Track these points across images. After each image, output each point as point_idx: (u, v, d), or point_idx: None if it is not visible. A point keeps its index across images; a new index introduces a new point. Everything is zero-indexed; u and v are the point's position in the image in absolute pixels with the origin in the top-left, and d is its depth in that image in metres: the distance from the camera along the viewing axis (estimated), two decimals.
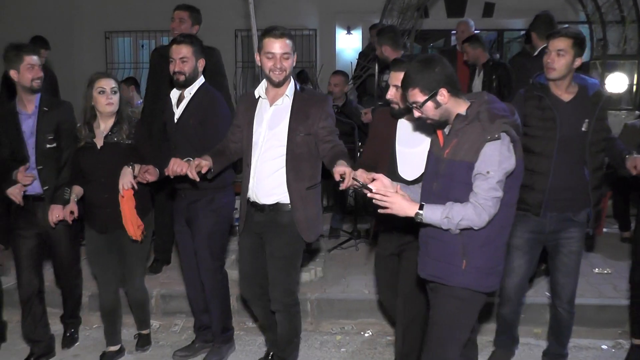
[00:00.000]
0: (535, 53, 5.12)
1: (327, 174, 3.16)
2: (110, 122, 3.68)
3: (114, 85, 3.62)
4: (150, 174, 3.60)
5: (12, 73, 3.70)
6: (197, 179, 3.16)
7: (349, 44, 10.28)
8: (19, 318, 4.08)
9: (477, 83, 6.08)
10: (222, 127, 3.61)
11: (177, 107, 3.74)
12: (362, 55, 7.56)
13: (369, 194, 2.54)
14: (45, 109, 3.79)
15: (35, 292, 3.93)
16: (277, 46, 3.14)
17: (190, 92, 3.70)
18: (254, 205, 3.38)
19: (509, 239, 3.27)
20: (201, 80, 3.74)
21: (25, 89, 3.74)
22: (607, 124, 3.45)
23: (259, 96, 3.35)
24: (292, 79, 3.30)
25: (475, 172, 2.52)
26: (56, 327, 4.30)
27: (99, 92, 3.59)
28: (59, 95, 6.22)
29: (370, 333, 4.34)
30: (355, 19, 9.96)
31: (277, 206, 3.32)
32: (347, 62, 9.23)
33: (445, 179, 2.62)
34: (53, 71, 6.35)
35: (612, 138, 3.53)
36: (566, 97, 3.32)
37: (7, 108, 3.84)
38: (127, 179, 3.53)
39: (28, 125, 3.77)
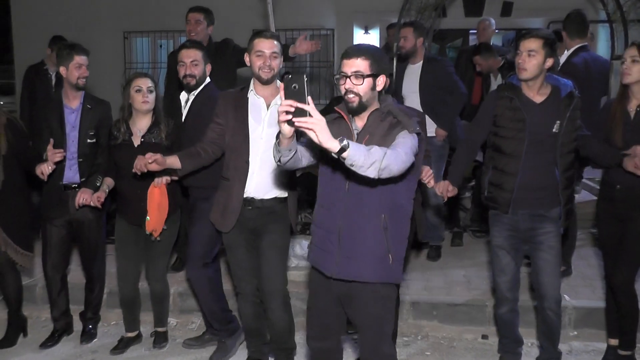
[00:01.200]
0: (568, 52, 5.04)
1: None
2: (147, 121, 3.86)
3: (150, 85, 3.81)
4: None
5: (62, 70, 3.97)
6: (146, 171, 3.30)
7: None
8: (39, 314, 4.15)
9: (494, 85, 6.03)
10: None
11: (185, 109, 3.88)
12: None
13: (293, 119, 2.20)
14: (88, 106, 4.06)
15: (60, 276, 4.21)
16: (267, 45, 3.32)
17: (194, 94, 3.83)
18: (250, 201, 3.42)
19: (492, 240, 3.53)
20: (207, 80, 3.87)
21: (71, 85, 3.99)
22: (579, 123, 3.48)
23: (250, 95, 3.43)
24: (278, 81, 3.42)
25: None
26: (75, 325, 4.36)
27: (136, 91, 3.77)
28: None
29: None
30: (372, 19, 9.93)
31: (275, 200, 3.45)
32: None
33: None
34: None
35: (585, 135, 3.56)
36: (538, 98, 3.37)
37: (54, 102, 4.10)
38: (163, 176, 3.73)
39: (70, 120, 4.02)
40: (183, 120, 3.88)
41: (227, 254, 3.62)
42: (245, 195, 3.42)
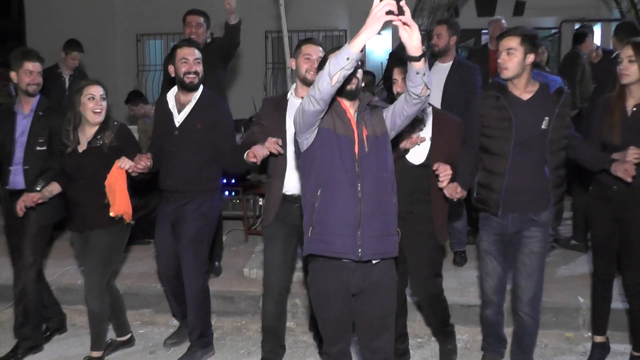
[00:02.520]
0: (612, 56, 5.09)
1: None
2: (96, 127, 3.75)
3: (102, 92, 3.71)
4: (144, 161, 3.65)
5: (12, 74, 3.94)
6: (282, 152, 3.38)
7: (379, 45, 10.26)
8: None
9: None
10: (232, 132, 3.91)
11: (179, 112, 3.82)
12: (392, 55, 7.53)
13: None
14: (40, 113, 3.98)
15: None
16: (314, 50, 3.52)
17: (195, 96, 3.80)
18: (290, 198, 3.53)
19: (480, 244, 3.53)
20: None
21: (22, 91, 3.96)
22: (569, 121, 3.45)
23: (289, 97, 3.59)
24: None
25: (389, 116, 2.78)
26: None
27: (89, 99, 3.67)
28: None
29: None
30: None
31: None
32: (378, 63, 9.23)
33: (374, 150, 2.73)
34: (86, 74, 6.47)
35: (575, 136, 3.52)
36: (525, 95, 3.33)
37: (7, 107, 4.14)
38: (127, 161, 3.60)
39: (21, 126, 3.95)
40: (179, 122, 3.81)
41: (264, 247, 3.67)
42: (286, 192, 3.54)
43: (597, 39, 7.34)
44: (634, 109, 3.46)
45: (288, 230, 3.57)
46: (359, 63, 2.66)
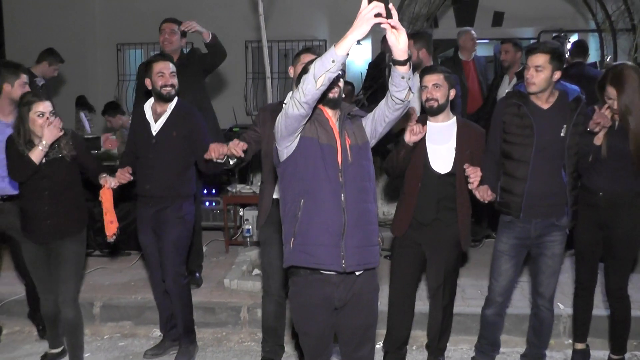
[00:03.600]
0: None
1: None
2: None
3: (52, 108, 3.68)
4: (125, 175, 3.89)
5: (6, 86, 4.04)
6: (242, 155, 3.44)
7: (359, 55, 10.30)
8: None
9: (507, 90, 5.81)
10: (206, 138, 3.95)
11: (155, 121, 3.94)
12: (372, 65, 7.57)
13: None
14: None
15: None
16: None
17: (170, 107, 3.94)
18: None
19: (496, 244, 3.64)
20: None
21: (12, 101, 4.06)
22: (583, 128, 3.53)
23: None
24: None
25: (369, 124, 2.81)
26: None
27: (38, 116, 3.62)
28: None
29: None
30: None
31: None
32: (357, 73, 9.25)
33: (357, 159, 2.74)
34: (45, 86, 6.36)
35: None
36: (546, 105, 3.47)
37: None
38: (112, 179, 3.85)
39: (6, 134, 3.92)
40: (155, 131, 3.92)
41: (261, 250, 3.76)
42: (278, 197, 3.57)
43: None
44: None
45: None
46: (341, 72, 2.66)
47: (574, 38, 8.89)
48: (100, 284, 4.51)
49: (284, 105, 3.54)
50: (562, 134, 3.41)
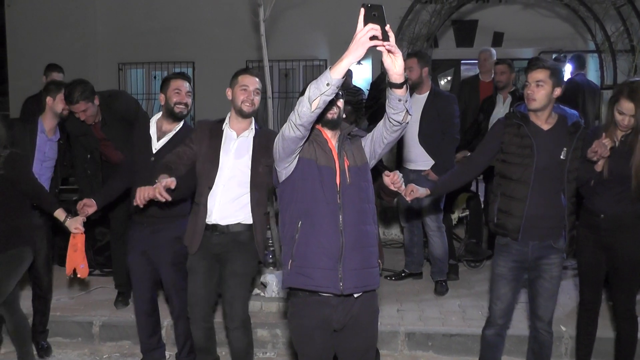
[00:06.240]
0: None
1: None
2: None
3: None
4: (89, 206, 3.79)
5: (49, 100, 4.25)
6: (170, 198, 3.25)
7: (359, 75, 10.36)
8: None
9: (502, 112, 5.62)
10: None
11: (158, 139, 3.90)
12: (373, 85, 7.60)
13: None
14: None
15: None
16: (251, 82, 3.52)
17: (176, 128, 3.90)
18: (215, 227, 3.53)
19: (494, 267, 3.58)
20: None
21: (56, 115, 4.30)
22: (582, 153, 3.51)
23: (224, 128, 3.60)
24: (252, 118, 3.61)
25: (368, 144, 2.82)
26: None
27: None
28: None
29: None
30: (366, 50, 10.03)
31: (238, 226, 3.55)
32: None
33: (356, 181, 2.73)
34: None
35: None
36: (546, 126, 3.44)
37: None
38: (76, 224, 3.73)
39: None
40: (156, 149, 3.87)
41: (188, 277, 3.68)
42: (211, 222, 3.54)
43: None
44: (622, 139, 3.54)
45: (209, 261, 3.60)
46: (341, 92, 2.66)
47: None
48: (100, 303, 4.48)
49: (223, 127, 3.58)
50: (562, 157, 3.39)
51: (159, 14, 10.37)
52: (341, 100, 2.77)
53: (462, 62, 10.66)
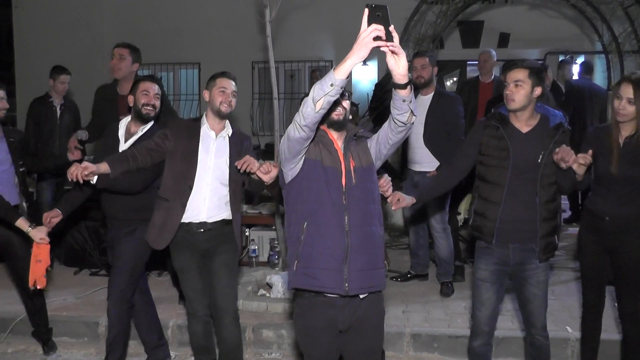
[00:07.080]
0: None
1: None
2: None
3: None
4: (54, 217, 3.88)
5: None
6: (81, 182, 3.32)
7: (365, 76, 10.37)
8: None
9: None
10: None
11: (125, 140, 3.90)
12: (378, 86, 7.60)
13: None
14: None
15: None
16: (229, 84, 3.63)
17: (143, 129, 3.91)
18: (202, 225, 3.58)
19: (475, 272, 3.51)
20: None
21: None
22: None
23: (202, 128, 3.64)
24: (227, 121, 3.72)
25: (373, 145, 2.81)
26: None
27: None
28: (80, 123, 6.32)
29: None
30: (371, 51, 10.04)
31: (222, 222, 3.63)
32: (364, 94, 9.30)
33: (361, 182, 2.74)
34: (76, 104, 6.46)
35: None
36: (525, 128, 3.36)
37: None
38: (42, 234, 3.80)
39: None
40: (125, 148, 3.84)
41: (180, 277, 3.71)
42: (197, 220, 3.58)
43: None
44: (626, 140, 3.50)
45: (198, 258, 3.65)
46: (347, 93, 2.66)
47: (580, 59, 8.93)
48: (106, 303, 4.45)
49: (201, 126, 3.62)
50: (539, 161, 3.29)
51: (165, 15, 10.40)
52: (347, 101, 2.76)
53: (468, 63, 10.64)
